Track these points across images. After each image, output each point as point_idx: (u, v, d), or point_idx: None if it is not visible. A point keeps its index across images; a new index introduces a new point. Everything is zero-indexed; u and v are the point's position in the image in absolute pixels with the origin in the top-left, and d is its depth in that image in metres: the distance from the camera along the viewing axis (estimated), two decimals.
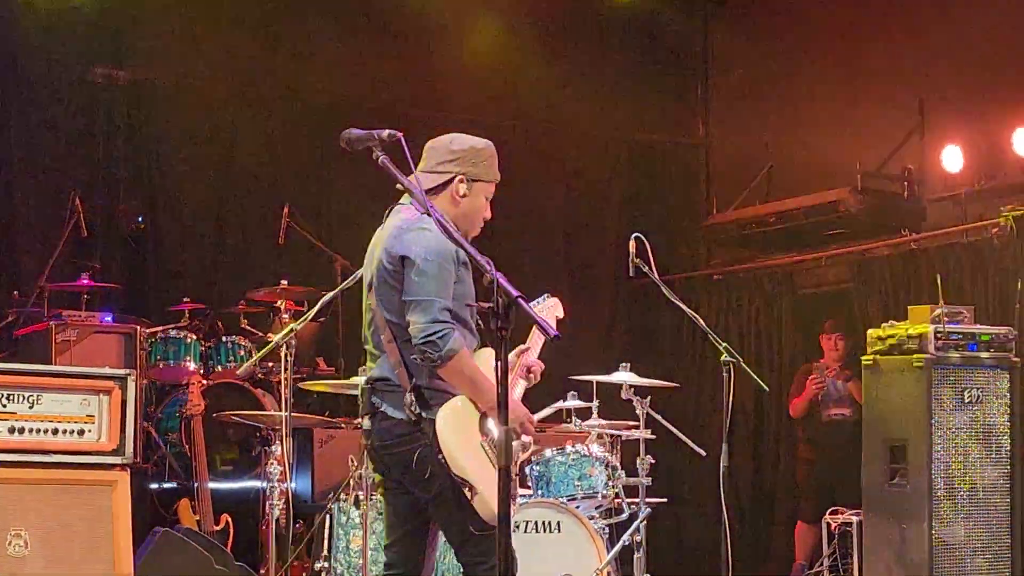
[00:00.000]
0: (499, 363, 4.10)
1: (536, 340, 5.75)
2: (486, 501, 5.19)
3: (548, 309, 6.04)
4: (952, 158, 11.16)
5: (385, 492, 5.66)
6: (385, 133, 4.64)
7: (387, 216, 5.60)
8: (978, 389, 8.71)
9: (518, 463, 5.53)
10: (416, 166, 5.14)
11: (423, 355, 5.18)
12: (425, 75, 12.44)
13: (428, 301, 5.23)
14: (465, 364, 5.25)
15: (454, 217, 5.44)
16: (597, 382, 8.70)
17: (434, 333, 5.17)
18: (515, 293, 4.15)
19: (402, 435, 5.35)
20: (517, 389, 5.70)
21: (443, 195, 5.54)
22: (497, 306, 4.13)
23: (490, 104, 12.56)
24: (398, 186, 5.04)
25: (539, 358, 5.80)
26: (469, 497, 5.22)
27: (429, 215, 4.57)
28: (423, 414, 5.27)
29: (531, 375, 5.76)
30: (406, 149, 4.53)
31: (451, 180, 5.54)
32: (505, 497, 4.05)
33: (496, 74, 12.80)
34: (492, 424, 5.27)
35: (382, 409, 5.41)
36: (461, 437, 5.26)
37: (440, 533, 5.58)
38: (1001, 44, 11.10)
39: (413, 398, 5.23)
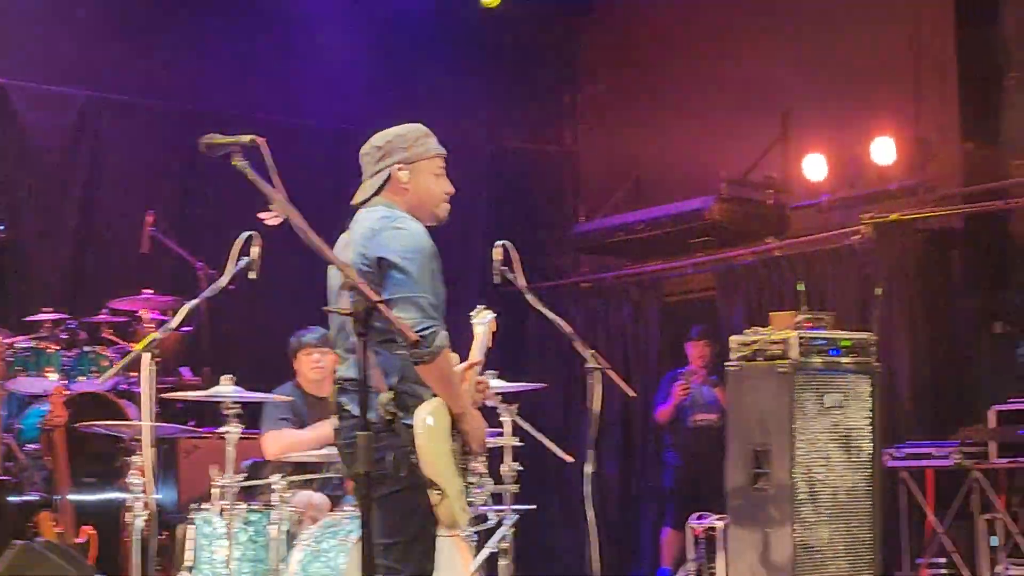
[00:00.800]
0: (362, 369, 4.07)
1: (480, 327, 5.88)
2: (451, 506, 5.15)
3: (485, 323, 6.05)
4: (814, 166, 11.34)
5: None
6: (247, 138, 4.58)
7: (352, 223, 5.46)
8: (840, 394, 8.85)
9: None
10: (276, 172, 5.07)
11: (412, 352, 4.99)
12: (287, 81, 12.35)
13: (416, 298, 5.13)
14: (447, 365, 5.19)
15: (411, 208, 5.41)
16: None
17: (425, 329, 5.06)
18: (375, 298, 4.14)
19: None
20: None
21: (389, 192, 5.46)
22: (357, 310, 4.11)
23: (354, 110, 12.49)
24: (362, 194, 5.10)
25: None
26: (438, 500, 5.17)
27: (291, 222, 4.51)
28: (398, 414, 5.17)
29: (479, 394, 5.65)
30: (267, 155, 4.48)
31: (389, 175, 5.47)
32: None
33: (360, 80, 12.74)
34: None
35: (348, 408, 5.29)
36: (436, 439, 5.18)
37: None
38: (862, 55, 11.32)
39: (391, 398, 5.10)
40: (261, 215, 4.75)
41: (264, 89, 12.21)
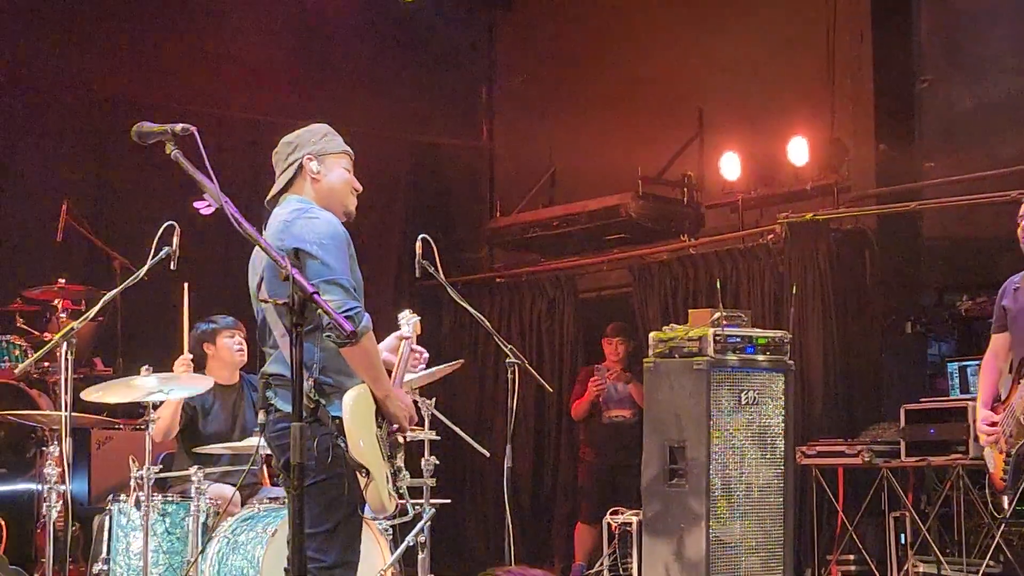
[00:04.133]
0: (293, 359, 4.07)
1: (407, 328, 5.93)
2: (379, 490, 5.20)
3: (410, 325, 6.06)
4: (730, 165, 11.44)
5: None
6: (179, 127, 4.55)
7: (266, 221, 5.49)
8: (755, 391, 8.92)
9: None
10: (208, 162, 5.06)
11: (337, 332, 4.98)
12: (204, 70, 12.27)
13: (338, 279, 5.17)
14: (372, 347, 5.24)
15: (321, 200, 5.46)
16: None
17: (350, 309, 5.11)
18: (310, 289, 4.14)
19: None
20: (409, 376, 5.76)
21: (299, 183, 5.51)
22: (293, 301, 4.11)
23: (268, 102, 12.46)
24: (274, 189, 5.08)
25: None
26: (364, 484, 5.18)
27: (222, 208, 4.49)
28: (321, 402, 5.19)
29: (416, 361, 5.87)
30: (200, 143, 4.46)
31: (300, 166, 5.50)
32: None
33: (279, 71, 12.70)
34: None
35: (274, 402, 5.32)
36: (362, 424, 5.22)
37: None
38: (778, 56, 11.44)
39: (312, 386, 5.11)
40: (196, 204, 4.74)
41: (183, 79, 12.12)
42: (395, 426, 5.38)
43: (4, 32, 11.41)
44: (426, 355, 5.99)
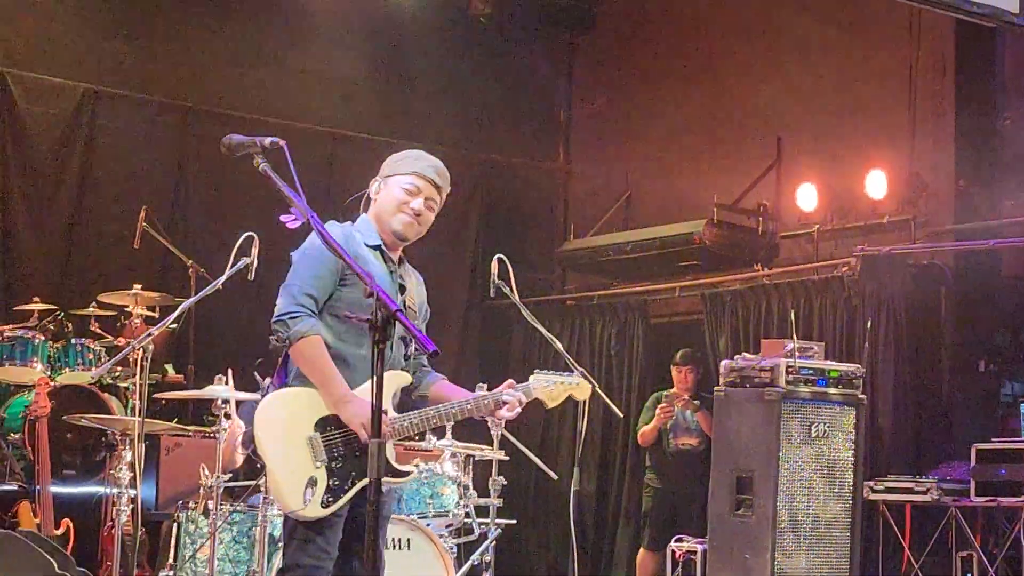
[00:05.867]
0: (375, 376, 4.08)
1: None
2: (278, 486, 5.24)
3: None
4: (807, 196, 11.38)
5: None
6: (268, 140, 4.59)
7: None
8: (825, 424, 8.87)
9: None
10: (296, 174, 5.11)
11: (276, 335, 5.23)
12: (285, 84, 12.37)
13: (290, 286, 5.28)
14: (312, 352, 5.24)
15: (375, 217, 5.53)
16: None
17: (287, 314, 5.21)
18: (394, 307, 4.15)
19: None
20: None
21: (365, 205, 5.63)
22: (376, 319, 4.12)
23: (350, 118, 12.54)
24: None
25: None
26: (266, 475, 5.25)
27: (309, 223, 4.53)
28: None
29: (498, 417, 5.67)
30: (289, 157, 4.49)
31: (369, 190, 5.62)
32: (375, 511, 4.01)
33: (357, 87, 12.78)
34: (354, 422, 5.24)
35: None
36: (277, 422, 5.28)
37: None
38: (859, 89, 11.37)
39: (269, 384, 5.26)
40: (282, 217, 4.75)
41: (263, 92, 12.23)
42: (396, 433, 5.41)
43: (91, 43, 11.57)
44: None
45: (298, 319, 5.21)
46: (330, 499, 5.19)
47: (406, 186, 5.54)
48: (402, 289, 5.52)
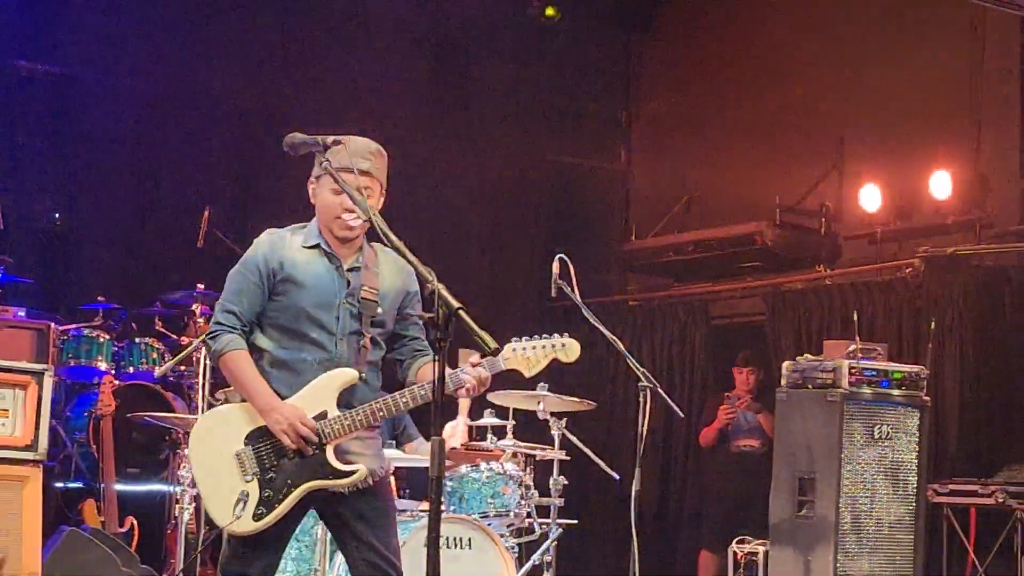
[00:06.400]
0: (436, 374, 4.09)
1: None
2: (205, 503, 5.33)
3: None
4: (869, 197, 11.31)
5: None
6: (330, 139, 4.62)
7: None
8: (888, 426, 8.80)
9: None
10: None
11: (207, 347, 5.41)
12: (344, 86, 12.41)
13: (221, 301, 5.42)
14: (234, 366, 5.30)
15: (319, 219, 5.48)
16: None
17: (209, 333, 5.34)
18: (456, 304, 4.15)
19: None
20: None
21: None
22: (437, 316, 4.13)
23: (409, 120, 12.56)
24: None
25: None
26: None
27: (371, 223, 4.55)
28: None
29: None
30: (350, 155, 4.51)
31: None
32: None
33: (413, 88, 12.80)
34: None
35: None
36: (205, 440, 5.35)
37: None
38: (922, 88, 11.28)
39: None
40: (344, 215, 4.77)
41: (322, 94, 12.27)
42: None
43: (158, 49, 11.66)
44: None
45: (217, 337, 5.30)
46: (263, 511, 5.18)
47: (332, 186, 5.26)
48: (354, 284, 5.38)
